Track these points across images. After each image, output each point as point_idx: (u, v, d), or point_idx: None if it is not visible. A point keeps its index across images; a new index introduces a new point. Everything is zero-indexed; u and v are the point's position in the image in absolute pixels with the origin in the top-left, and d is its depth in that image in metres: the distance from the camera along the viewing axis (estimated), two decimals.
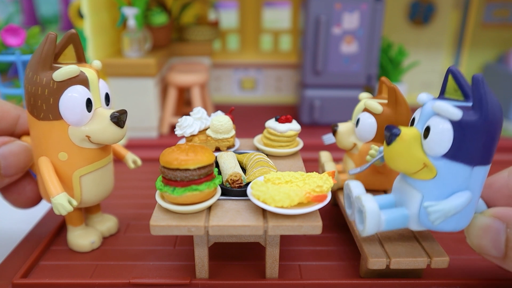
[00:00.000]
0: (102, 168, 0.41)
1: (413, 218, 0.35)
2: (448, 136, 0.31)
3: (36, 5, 1.54)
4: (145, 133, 0.76)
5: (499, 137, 0.31)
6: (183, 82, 0.77)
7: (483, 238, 0.34)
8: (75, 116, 0.36)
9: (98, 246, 0.44)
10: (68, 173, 0.38)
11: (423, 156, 0.32)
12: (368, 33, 0.77)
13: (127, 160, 0.47)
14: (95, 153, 0.39)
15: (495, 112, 0.30)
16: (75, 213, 0.43)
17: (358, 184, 0.38)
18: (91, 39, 0.69)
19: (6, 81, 0.80)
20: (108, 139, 0.38)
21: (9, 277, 0.39)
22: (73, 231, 0.43)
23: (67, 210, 0.37)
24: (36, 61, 0.36)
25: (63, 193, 0.37)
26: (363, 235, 0.35)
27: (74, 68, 0.36)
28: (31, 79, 0.36)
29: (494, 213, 0.34)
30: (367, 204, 0.34)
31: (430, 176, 0.32)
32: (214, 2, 0.96)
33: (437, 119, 0.31)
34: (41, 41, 0.36)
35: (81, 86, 0.37)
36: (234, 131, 0.46)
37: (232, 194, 0.38)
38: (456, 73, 0.32)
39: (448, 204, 0.32)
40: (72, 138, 0.37)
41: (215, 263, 0.42)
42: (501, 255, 0.33)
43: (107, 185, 0.42)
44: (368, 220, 0.34)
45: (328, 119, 0.82)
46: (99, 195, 0.41)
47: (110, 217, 0.47)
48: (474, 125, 0.30)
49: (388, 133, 0.33)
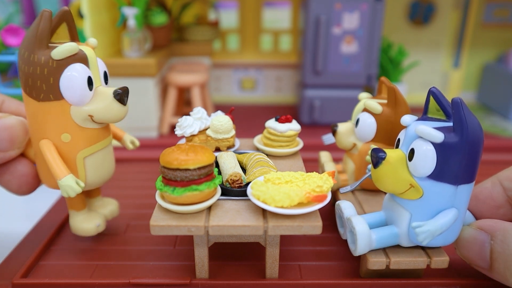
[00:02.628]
0: (104, 149, 0.40)
1: (403, 236, 0.36)
2: (432, 158, 0.32)
3: (36, 5, 1.54)
4: (145, 133, 0.76)
5: (481, 155, 0.33)
6: (183, 82, 0.77)
7: (469, 249, 0.35)
8: (76, 95, 0.35)
9: (103, 229, 0.43)
10: (72, 154, 0.37)
11: (409, 177, 0.33)
12: (368, 33, 0.77)
13: (125, 141, 0.46)
14: (98, 133, 0.38)
15: (476, 133, 0.31)
16: (77, 197, 0.41)
17: (348, 204, 0.39)
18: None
19: (6, 81, 0.80)
20: (112, 117, 0.37)
21: (9, 277, 0.39)
22: (76, 216, 0.42)
23: (76, 191, 0.36)
24: (31, 40, 0.34)
25: (70, 175, 0.36)
26: (355, 255, 0.36)
27: (73, 46, 0.35)
28: (28, 59, 0.34)
29: (479, 225, 0.35)
30: (357, 227, 0.35)
31: (417, 196, 0.34)
32: (214, 2, 0.96)
33: (420, 141, 0.33)
34: (36, 19, 0.35)
35: (81, 64, 0.36)
36: (234, 131, 0.46)
37: (232, 194, 0.38)
38: (437, 94, 0.33)
39: (435, 224, 0.33)
40: (74, 118, 0.36)
41: (215, 263, 0.42)
42: (487, 266, 0.34)
43: (110, 166, 0.41)
44: (359, 241, 0.35)
45: (328, 119, 0.82)
46: (102, 176, 0.41)
47: (111, 200, 0.46)
48: (456, 147, 0.31)
49: (375, 156, 0.34)
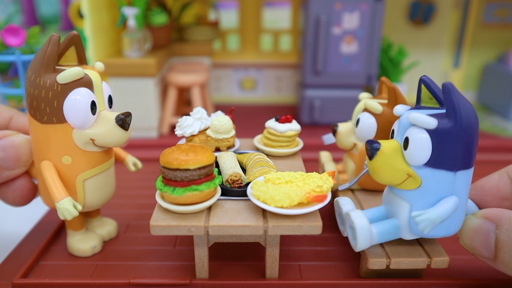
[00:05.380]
0: (105, 172, 0.40)
1: (404, 228, 0.35)
2: (427, 145, 0.32)
3: (36, 5, 1.54)
4: (145, 133, 0.76)
5: (477, 139, 0.32)
6: (183, 82, 0.77)
7: (474, 239, 0.34)
8: (79, 119, 0.36)
9: (99, 251, 0.44)
10: (71, 177, 0.38)
11: (406, 167, 0.33)
12: (368, 33, 0.77)
13: (128, 163, 0.46)
14: (99, 156, 0.39)
15: (469, 117, 0.31)
16: (76, 218, 0.42)
17: (347, 200, 0.39)
18: (91, 39, 0.69)
19: (6, 81, 0.80)
20: (113, 142, 0.37)
21: (9, 277, 0.39)
22: (73, 235, 0.43)
23: (73, 215, 0.36)
24: (38, 63, 0.35)
25: (67, 198, 0.36)
26: (356, 251, 0.36)
27: (78, 70, 0.35)
28: (34, 81, 0.35)
29: (484, 214, 0.34)
30: (356, 221, 0.35)
31: (415, 185, 0.33)
32: (214, 2, 0.96)
33: (414, 129, 0.32)
34: (44, 43, 0.35)
35: (85, 89, 0.36)
36: (234, 131, 0.46)
37: (232, 194, 0.38)
38: (428, 82, 0.33)
39: (435, 212, 0.33)
40: (76, 142, 0.37)
41: (215, 263, 0.42)
42: (491, 256, 0.33)
43: (109, 188, 0.42)
44: (359, 236, 0.35)
45: (328, 119, 0.82)
46: (102, 199, 0.41)
47: (109, 220, 0.47)
48: (450, 132, 0.31)
49: (369, 148, 0.33)
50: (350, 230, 0.37)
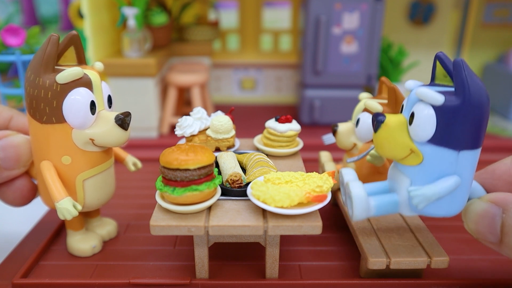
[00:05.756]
0: (105, 172, 0.40)
1: (404, 203, 0.35)
2: (432, 122, 0.31)
3: (36, 5, 1.54)
4: (145, 133, 0.76)
5: (487, 120, 0.31)
6: (183, 82, 0.77)
7: (479, 223, 0.33)
8: (79, 119, 0.36)
9: (99, 251, 0.44)
10: (71, 177, 0.38)
11: (409, 142, 0.32)
12: (368, 33, 0.77)
13: (128, 163, 0.46)
14: (98, 156, 0.39)
15: (479, 96, 0.30)
16: (76, 217, 0.41)
17: (350, 171, 0.38)
18: (91, 39, 0.69)
19: (6, 81, 0.80)
20: (112, 141, 0.38)
21: (9, 277, 0.39)
22: (73, 235, 0.43)
23: (72, 214, 0.36)
24: (38, 63, 0.35)
25: (67, 198, 0.36)
26: (353, 220, 0.35)
27: (78, 70, 0.35)
28: (33, 81, 0.35)
29: (490, 198, 0.33)
30: (354, 190, 0.34)
31: (417, 161, 0.33)
32: (214, 2, 0.96)
33: (420, 105, 0.32)
34: (43, 43, 0.35)
35: (84, 89, 0.36)
36: (234, 131, 0.46)
37: (232, 194, 0.38)
38: (443, 58, 0.32)
39: (431, 188, 0.32)
40: (75, 141, 0.37)
41: (215, 263, 0.42)
42: (497, 240, 0.33)
43: (109, 188, 0.42)
44: (355, 205, 0.34)
45: (328, 119, 0.82)
46: (101, 199, 0.41)
47: (109, 220, 0.47)
48: (456, 110, 0.30)
49: (374, 120, 0.33)
50: (349, 200, 0.36)
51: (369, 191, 0.36)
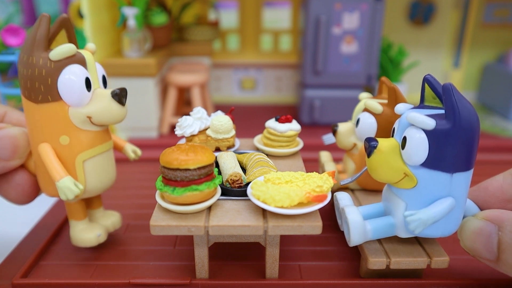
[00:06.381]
0: (104, 153, 0.40)
1: (400, 226, 0.35)
2: (424, 146, 0.31)
3: (36, 5, 1.54)
4: (145, 133, 0.76)
5: (478, 142, 0.32)
6: (183, 82, 0.77)
7: (475, 241, 0.34)
8: (74, 96, 0.35)
9: (104, 240, 0.43)
10: (70, 157, 0.37)
11: (403, 166, 0.33)
12: (368, 33, 0.77)
13: (127, 151, 0.45)
14: (97, 136, 0.38)
15: (469, 119, 0.31)
16: (78, 206, 0.41)
17: (345, 195, 0.39)
18: (91, 39, 0.69)
19: (6, 81, 0.80)
20: (111, 118, 0.37)
21: (9, 277, 0.39)
22: (76, 226, 0.42)
23: (74, 193, 0.36)
24: (30, 43, 0.35)
25: (68, 176, 0.36)
26: (351, 245, 0.36)
27: (71, 47, 0.35)
28: (26, 61, 0.35)
29: (486, 216, 0.34)
30: (350, 216, 0.35)
31: (411, 185, 0.33)
32: (214, 2, 0.96)
33: (412, 129, 0.32)
34: (35, 24, 0.35)
35: (78, 66, 0.36)
36: (234, 131, 0.46)
37: (232, 194, 0.38)
38: (431, 81, 0.33)
39: (427, 213, 0.33)
40: (73, 120, 0.36)
41: (215, 263, 0.42)
42: (493, 258, 0.33)
43: (110, 172, 0.41)
44: (352, 231, 0.35)
45: (328, 119, 0.82)
46: (103, 182, 0.40)
47: (113, 212, 0.46)
48: (447, 134, 0.31)
49: (367, 146, 0.34)
50: (345, 225, 0.37)
51: (364, 214, 0.37)
